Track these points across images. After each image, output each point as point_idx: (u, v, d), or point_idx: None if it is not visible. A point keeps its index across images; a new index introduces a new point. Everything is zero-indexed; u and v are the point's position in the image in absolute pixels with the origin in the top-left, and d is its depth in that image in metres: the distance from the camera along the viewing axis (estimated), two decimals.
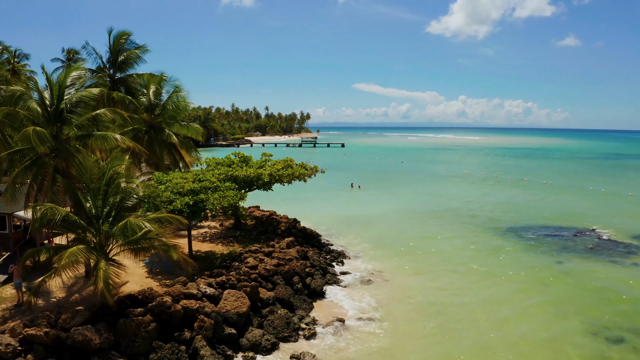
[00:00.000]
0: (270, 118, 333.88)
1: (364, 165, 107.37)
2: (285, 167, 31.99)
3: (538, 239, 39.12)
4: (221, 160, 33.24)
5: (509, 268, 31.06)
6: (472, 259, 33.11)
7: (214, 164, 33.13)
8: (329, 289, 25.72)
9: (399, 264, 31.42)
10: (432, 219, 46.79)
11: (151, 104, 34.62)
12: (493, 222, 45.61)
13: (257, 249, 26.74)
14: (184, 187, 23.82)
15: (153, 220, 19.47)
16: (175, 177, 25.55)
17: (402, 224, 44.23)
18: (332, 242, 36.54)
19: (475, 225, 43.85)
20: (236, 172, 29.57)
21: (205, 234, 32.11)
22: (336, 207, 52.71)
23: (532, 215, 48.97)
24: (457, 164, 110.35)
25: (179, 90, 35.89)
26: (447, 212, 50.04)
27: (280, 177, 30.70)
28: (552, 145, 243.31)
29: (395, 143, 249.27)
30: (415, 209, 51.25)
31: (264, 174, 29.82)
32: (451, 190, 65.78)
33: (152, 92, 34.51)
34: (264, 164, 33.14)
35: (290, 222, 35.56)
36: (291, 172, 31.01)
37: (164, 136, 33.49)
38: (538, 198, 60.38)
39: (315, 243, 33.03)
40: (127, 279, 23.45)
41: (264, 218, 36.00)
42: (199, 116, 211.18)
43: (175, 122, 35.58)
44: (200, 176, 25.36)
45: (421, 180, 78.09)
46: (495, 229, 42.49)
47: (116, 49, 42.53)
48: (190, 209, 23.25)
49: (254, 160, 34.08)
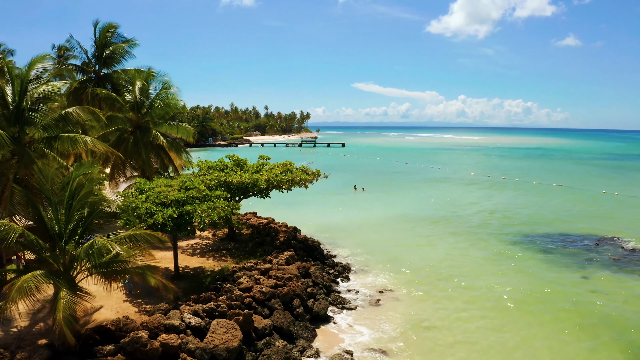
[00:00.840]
0: (270, 118, 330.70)
1: (366, 166, 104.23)
2: (285, 171, 28.89)
3: (557, 250, 36.05)
4: (214, 164, 30.15)
5: (533, 285, 27.96)
6: (490, 275, 30.01)
7: (206, 168, 30.05)
8: (334, 311, 22.64)
9: (410, 279, 28.32)
10: (442, 226, 43.69)
11: (137, 102, 31.53)
12: (507, 229, 42.52)
13: (252, 265, 23.64)
14: (167, 196, 20.72)
15: (127, 238, 16.42)
16: (159, 185, 22.45)
17: (410, 232, 41.15)
18: (335, 253, 33.47)
19: (489, 234, 40.75)
20: (229, 177, 26.49)
21: (195, 246, 29.02)
22: (339, 211, 49.63)
23: (546, 222, 45.90)
24: (462, 165, 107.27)
25: (168, 86, 32.84)
26: (456, 219, 46.96)
27: (278, 183, 27.62)
28: (554, 145, 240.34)
29: (396, 143, 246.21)
30: (423, 215, 48.16)
31: (261, 180, 26.75)
32: (459, 194, 62.69)
33: (138, 88, 31.41)
34: (260, 168, 30.06)
35: (290, 231, 32.48)
36: (291, 178, 27.91)
37: (150, 137, 30.40)
38: (549, 202, 57.32)
39: (317, 255, 29.96)
40: (101, 302, 20.40)
41: (260, 227, 32.92)
42: (197, 115, 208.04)
43: (164, 122, 32.54)
44: (188, 183, 22.24)
45: (427, 182, 75.02)
46: (510, 238, 39.40)
47: (102, 43, 39.50)
48: (175, 222, 20.17)
49: (249, 164, 31.01)
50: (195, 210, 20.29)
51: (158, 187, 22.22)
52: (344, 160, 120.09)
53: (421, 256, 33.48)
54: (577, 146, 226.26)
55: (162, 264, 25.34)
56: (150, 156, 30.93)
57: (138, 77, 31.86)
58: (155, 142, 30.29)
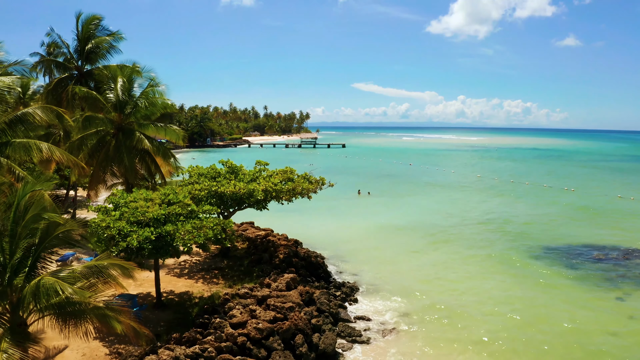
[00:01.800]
0: (269, 118, 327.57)
1: (369, 168, 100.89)
2: (285, 180, 25.54)
3: (584, 265, 32.77)
4: (205, 171, 26.84)
5: (565, 311, 24.64)
6: (514, 296, 26.72)
7: (196, 175, 26.75)
8: (344, 346, 19.31)
9: (427, 303, 24.98)
10: (456, 237, 40.37)
11: (119, 101, 28.14)
12: (525, 240, 39.20)
13: (247, 291, 20.29)
14: (146, 213, 17.39)
15: (90, 270, 13.15)
16: (137, 198, 19.10)
17: (421, 243, 37.82)
18: (340, 269, 30.16)
19: (508, 247, 37.41)
20: (222, 187, 23.18)
21: (183, 264, 25.67)
22: (342, 218, 46.31)
23: (566, 231, 42.64)
24: (467, 167, 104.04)
25: (154, 83, 29.46)
26: (470, 228, 43.66)
27: (277, 194, 24.30)
28: (557, 146, 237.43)
29: (397, 143, 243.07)
30: (434, 223, 44.85)
31: (257, 190, 23.43)
32: (468, 199, 59.38)
33: (120, 85, 28.02)
34: (257, 176, 26.76)
35: (290, 245, 29.18)
36: (292, 187, 24.58)
37: (133, 141, 27.03)
38: (565, 208, 54.05)
39: (321, 274, 26.65)
40: (66, 339, 17.11)
41: (258, 240, 29.60)
42: (195, 116, 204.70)
43: (150, 124, 29.17)
44: (171, 196, 18.89)
45: (434, 186, 71.70)
46: (532, 252, 36.07)
47: (85, 37, 36.16)
48: (153, 244, 16.84)
49: (245, 170, 27.69)
50: (178, 230, 16.96)
51: (136, 201, 18.89)
52: (345, 162, 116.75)
53: (436, 273, 30.17)
54: (580, 147, 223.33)
55: (143, 287, 22.04)
56: (134, 162, 27.56)
57: (120, 73, 28.49)
58: (139, 146, 26.94)
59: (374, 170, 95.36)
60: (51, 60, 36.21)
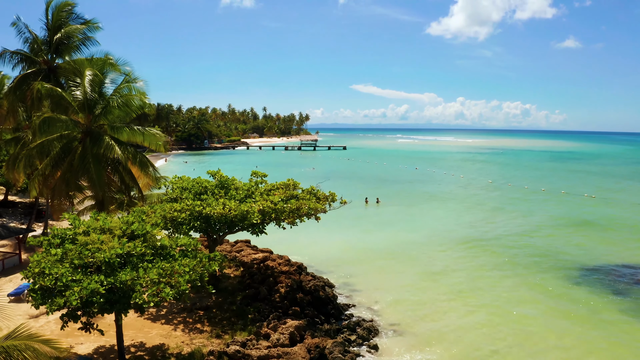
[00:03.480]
0: (268, 119, 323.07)
1: (374, 172, 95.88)
2: (287, 197, 20.61)
3: (631, 290, 28.03)
4: (189, 184, 21.96)
5: (618, 349, 19.95)
6: (566, 334, 21.98)
7: (179, 190, 21.90)
8: None
9: (462, 350, 20.15)
10: (479, 253, 35.50)
11: (87, 100, 23.31)
12: (558, 259, 34.37)
13: (238, 349, 15.37)
14: (96, 253, 12.52)
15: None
16: (93, 225, 14.22)
17: (443, 262, 32.96)
18: (353, 300, 25.28)
19: (539, 266, 32.52)
20: (208, 208, 18.32)
21: None
22: (351, 232, 41.41)
23: (598, 247, 37.83)
24: (476, 171, 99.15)
25: (130, 79, 24.65)
26: (492, 242, 38.83)
27: (278, 215, 19.43)
28: (562, 148, 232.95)
29: (398, 146, 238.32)
30: (453, 237, 39.97)
31: (252, 211, 18.56)
32: (485, 207, 54.47)
33: (89, 81, 23.16)
34: (253, 191, 21.90)
35: (293, 272, 24.32)
36: (295, 206, 19.68)
37: (101, 147, 22.16)
38: (591, 218, 49.18)
39: (330, 310, 21.80)
40: None
41: (254, 266, 24.73)
42: (193, 117, 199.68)
43: (124, 127, 24.34)
44: (136, 225, 13.98)
45: (445, 192, 66.76)
46: (568, 273, 31.20)
47: (55, 26, 31.30)
48: (105, 297, 11.97)
49: (238, 183, 22.80)
50: (139, 278, 12.10)
51: (92, 230, 14.00)
52: (348, 166, 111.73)
53: (465, 304, 25.30)
54: (585, 150, 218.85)
55: (106, 337, 17.11)
56: (104, 173, 22.70)
57: (89, 65, 23.64)
58: (108, 153, 22.08)
59: (380, 174, 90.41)
60: (16, 52, 31.31)
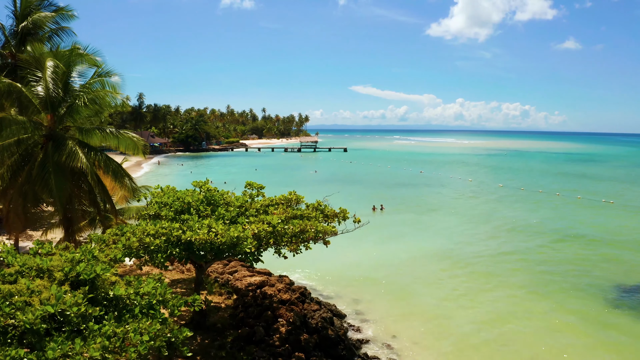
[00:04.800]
0: (267, 120, 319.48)
1: (378, 175, 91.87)
2: (289, 217, 16.65)
3: None
4: (170, 199, 18.04)
5: None
6: None
7: (156, 207, 18.01)
8: None
9: None
10: (503, 270, 31.57)
11: (50, 97, 19.46)
12: (593, 276, 30.48)
13: None
14: (24, 309, 8.65)
15: None
16: (29, 264, 10.34)
17: (462, 282, 29.05)
18: (366, 334, 21.35)
19: (574, 287, 28.55)
20: (188, 232, 14.42)
21: None
22: (358, 243, 37.17)
23: (633, 262, 34.00)
24: (483, 174, 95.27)
25: (103, 73, 20.85)
26: (516, 257, 34.92)
27: (278, 239, 15.52)
28: (566, 149, 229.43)
29: (399, 147, 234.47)
30: (470, 250, 36.04)
31: (245, 238, 14.64)
32: (500, 214, 50.48)
33: (51, 74, 19.30)
34: (247, 207, 17.98)
35: (294, 302, 20.43)
36: (300, 228, 15.78)
37: (63, 155, 18.27)
38: (616, 228, 45.36)
39: (342, 352, 17.91)
40: None
41: (249, 294, 20.84)
42: (191, 118, 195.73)
43: (95, 129, 20.47)
44: (82, 267, 10.06)
45: (455, 197, 62.79)
46: (606, 294, 27.30)
47: (24, 13, 27.51)
48: None
49: (229, 197, 18.87)
50: (75, 354, 8.21)
51: (22, 273, 10.12)
52: (351, 169, 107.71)
53: (502, 339, 21.41)
54: (588, 151, 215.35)
55: None
56: (67, 185, 18.81)
57: (51, 55, 19.76)
58: (70, 162, 18.21)
59: (384, 178, 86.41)
60: None
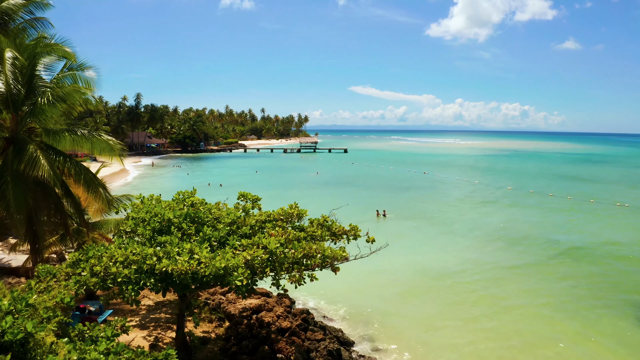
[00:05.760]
0: (267, 121, 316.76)
1: (381, 178, 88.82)
2: (290, 239, 13.72)
3: None
4: (149, 214, 15.17)
5: None
6: None
7: (132, 223, 15.15)
8: None
9: None
10: (530, 284, 28.67)
11: (11, 94, 16.61)
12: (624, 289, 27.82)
13: None
14: None
15: None
16: None
17: (482, 299, 26.16)
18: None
19: (608, 306, 25.83)
20: (165, 260, 11.56)
21: None
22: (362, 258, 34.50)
23: None
24: (489, 176, 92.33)
25: (74, 66, 18.02)
26: (536, 268, 32.07)
27: (276, 267, 12.65)
28: (565, 150, 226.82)
29: (400, 148, 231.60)
30: (488, 260, 33.09)
31: (235, 266, 11.76)
32: (516, 219, 47.48)
33: (10, 67, 16.45)
34: (239, 224, 15.10)
35: (296, 330, 17.60)
36: (302, 252, 12.93)
37: (22, 163, 15.40)
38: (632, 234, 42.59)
39: None
40: None
41: (244, 321, 17.97)
42: (189, 118, 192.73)
43: (65, 131, 17.60)
44: (9, 321, 7.27)
45: (463, 201, 59.73)
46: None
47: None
48: None
49: (218, 212, 15.93)
50: None
51: None
52: (353, 170, 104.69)
53: None
54: (591, 152, 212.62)
55: None
56: (28, 197, 15.91)
57: (11, 45, 16.89)
58: (31, 171, 15.33)
59: (388, 180, 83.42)
60: None
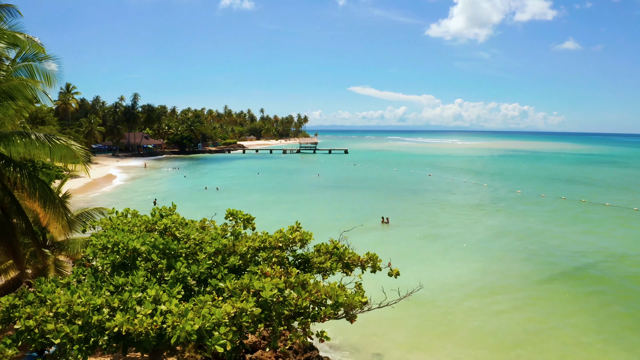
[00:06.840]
0: (266, 121, 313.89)
1: (384, 180, 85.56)
2: (292, 282, 10.40)
3: None
4: (112, 241, 11.88)
5: None
6: None
7: (90, 252, 11.94)
8: None
9: None
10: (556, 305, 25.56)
11: None
12: None
13: None
14: None
15: None
16: None
17: (504, 323, 23.03)
18: None
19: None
20: (120, 316, 8.33)
21: None
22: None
23: None
24: (497, 179, 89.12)
25: (29, 56, 14.86)
26: (564, 284, 28.97)
27: (272, 323, 9.44)
28: (567, 150, 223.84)
29: (401, 148, 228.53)
30: (510, 274, 29.93)
31: (215, 324, 8.53)
32: (531, 228, 44.35)
33: None
34: (225, 254, 11.87)
35: None
36: (310, 299, 9.73)
37: None
38: None
39: None
40: None
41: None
42: (187, 119, 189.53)
43: (15, 134, 14.41)
44: None
45: (472, 207, 56.46)
46: None
47: None
48: None
49: (199, 236, 12.65)
50: None
51: None
52: (355, 172, 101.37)
53: None
54: (592, 152, 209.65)
55: None
56: None
57: None
58: None
59: (392, 183, 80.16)
60: None
